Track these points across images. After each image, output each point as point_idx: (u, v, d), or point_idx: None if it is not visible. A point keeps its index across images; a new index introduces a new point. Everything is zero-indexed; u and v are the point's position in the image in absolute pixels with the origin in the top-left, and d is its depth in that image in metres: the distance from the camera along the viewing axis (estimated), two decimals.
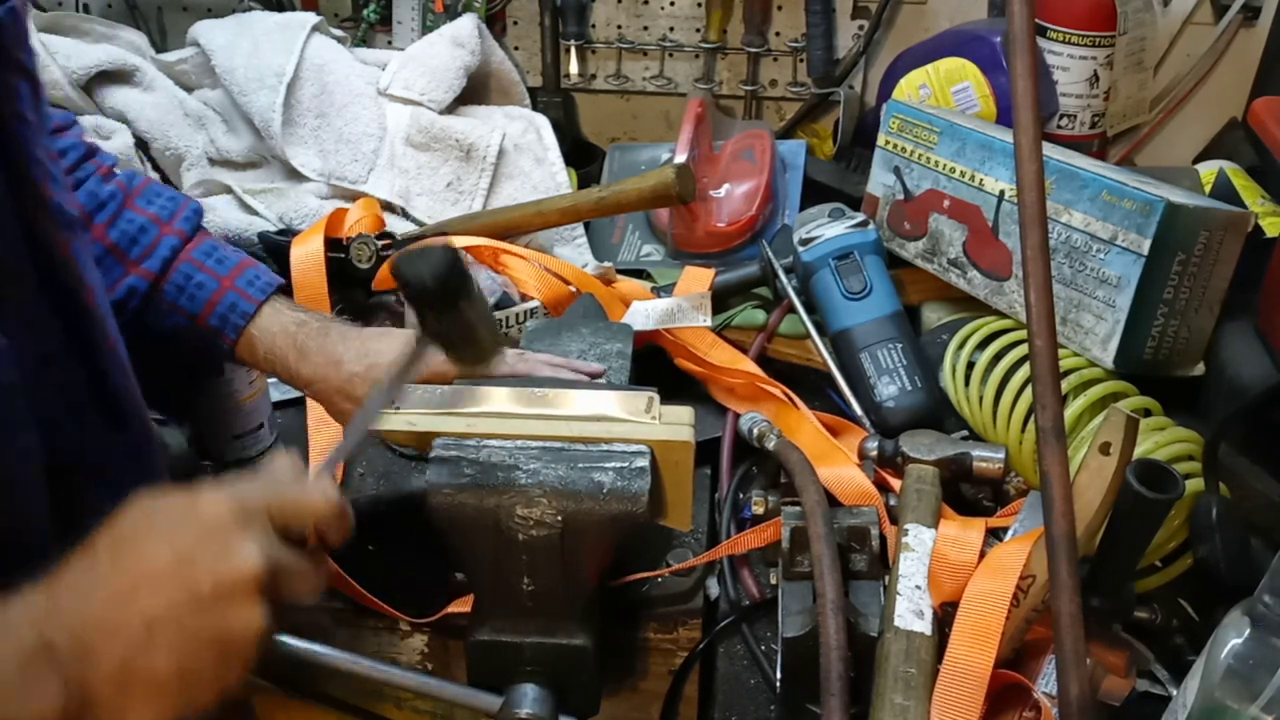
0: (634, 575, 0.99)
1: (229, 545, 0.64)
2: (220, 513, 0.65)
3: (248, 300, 1.01)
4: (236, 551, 0.64)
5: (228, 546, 0.64)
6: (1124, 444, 0.81)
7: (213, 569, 0.63)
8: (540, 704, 0.85)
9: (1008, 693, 0.85)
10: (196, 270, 1.01)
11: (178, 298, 1.01)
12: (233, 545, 0.65)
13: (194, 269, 1.01)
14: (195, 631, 0.63)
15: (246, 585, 0.64)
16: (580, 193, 1.34)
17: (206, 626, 0.63)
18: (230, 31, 1.49)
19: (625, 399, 0.92)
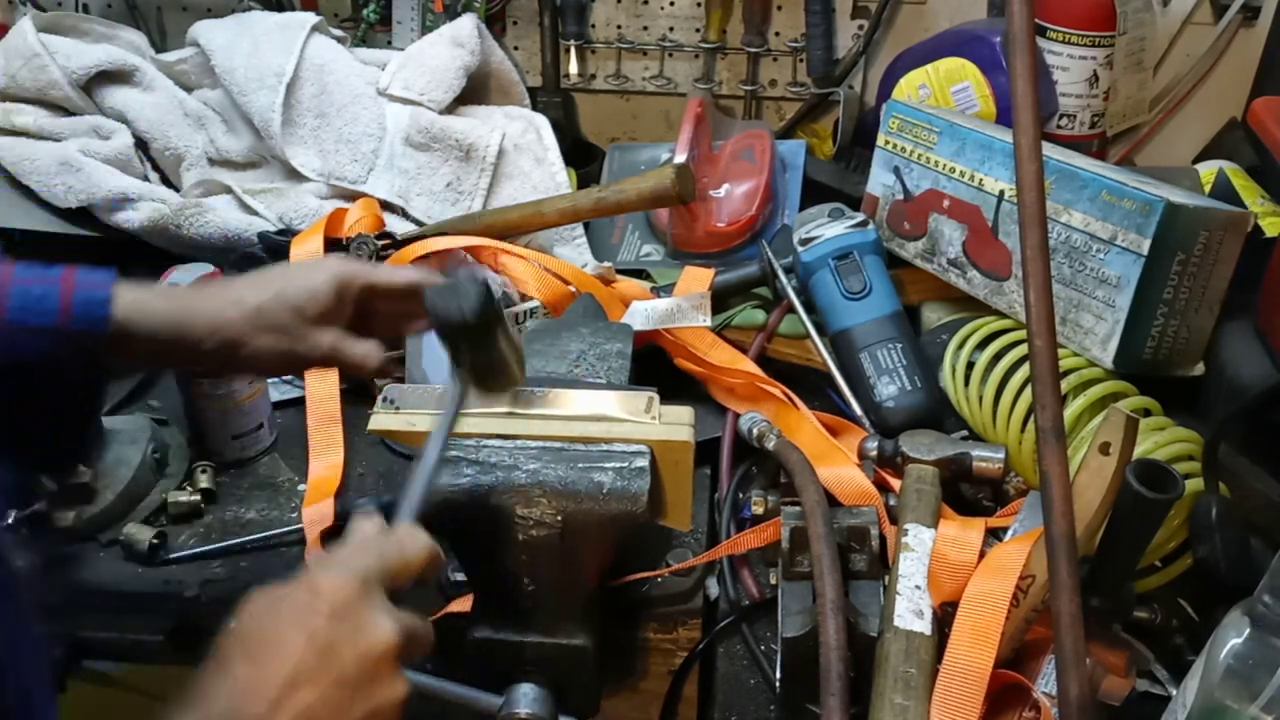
0: (634, 575, 0.99)
1: (361, 623, 0.66)
2: (345, 592, 0.66)
3: (100, 289, 0.86)
4: (371, 628, 0.66)
5: (360, 625, 0.66)
6: (1124, 444, 0.81)
7: (354, 651, 0.65)
8: (540, 704, 0.85)
9: (1008, 693, 0.85)
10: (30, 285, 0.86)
11: (26, 317, 0.85)
12: (365, 622, 0.66)
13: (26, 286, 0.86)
14: (349, 716, 0.64)
15: (387, 658, 0.66)
16: (580, 193, 1.34)
17: (358, 708, 0.64)
18: (230, 31, 1.49)
19: (625, 399, 0.92)
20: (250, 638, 0.65)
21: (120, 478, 1.09)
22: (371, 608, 0.67)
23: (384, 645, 0.66)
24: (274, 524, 1.09)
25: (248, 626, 0.66)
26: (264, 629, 0.66)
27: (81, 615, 1.02)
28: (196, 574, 1.04)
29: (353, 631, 0.65)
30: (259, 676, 0.63)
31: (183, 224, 1.33)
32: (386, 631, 0.66)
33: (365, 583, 0.67)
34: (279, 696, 0.62)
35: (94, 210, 1.36)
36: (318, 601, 0.66)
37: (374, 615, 0.67)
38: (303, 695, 0.63)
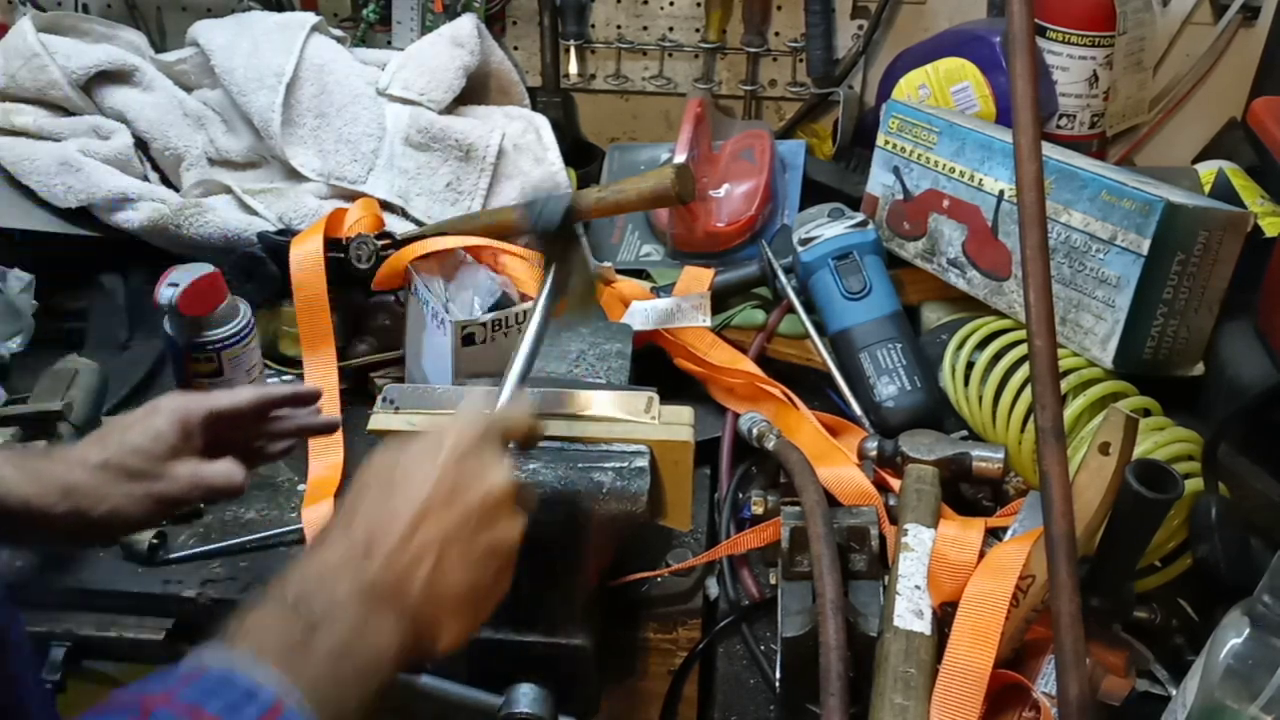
0: (633, 575, 0.99)
1: (485, 466, 0.73)
2: (468, 437, 0.73)
3: None
4: (492, 470, 0.73)
5: (484, 467, 0.73)
6: (1123, 444, 0.81)
7: (479, 489, 0.72)
8: (540, 704, 0.85)
9: (1007, 693, 0.85)
10: None
11: None
12: (487, 465, 0.73)
13: None
14: (475, 546, 0.71)
15: (506, 498, 0.73)
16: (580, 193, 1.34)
17: (483, 540, 0.71)
18: (230, 31, 1.49)
19: (625, 399, 0.92)
20: (383, 475, 0.72)
21: None
22: (491, 452, 0.74)
23: (503, 487, 0.73)
24: (274, 524, 1.09)
25: (379, 466, 0.73)
26: (396, 465, 0.72)
27: (81, 615, 1.02)
28: (196, 574, 1.04)
29: (476, 472, 0.72)
30: (394, 507, 0.70)
31: (182, 224, 1.33)
32: (505, 475, 0.73)
33: (483, 433, 0.74)
34: (413, 522, 0.69)
35: (94, 210, 1.36)
36: (445, 443, 0.72)
37: (494, 460, 0.74)
38: (433, 523, 0.69)
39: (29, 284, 1.32)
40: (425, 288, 1.20)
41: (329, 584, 0.66)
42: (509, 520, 0.73)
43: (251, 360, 1.14)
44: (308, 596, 0.65)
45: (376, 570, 0.67)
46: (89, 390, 1.09)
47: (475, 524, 0.71)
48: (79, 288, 1.37)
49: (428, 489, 0.70)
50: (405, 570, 0.68)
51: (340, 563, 0.67)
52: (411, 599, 0.68)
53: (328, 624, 0.63)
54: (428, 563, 0.68)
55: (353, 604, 0.65)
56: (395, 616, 0.67)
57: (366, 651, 0.65)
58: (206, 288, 1.10)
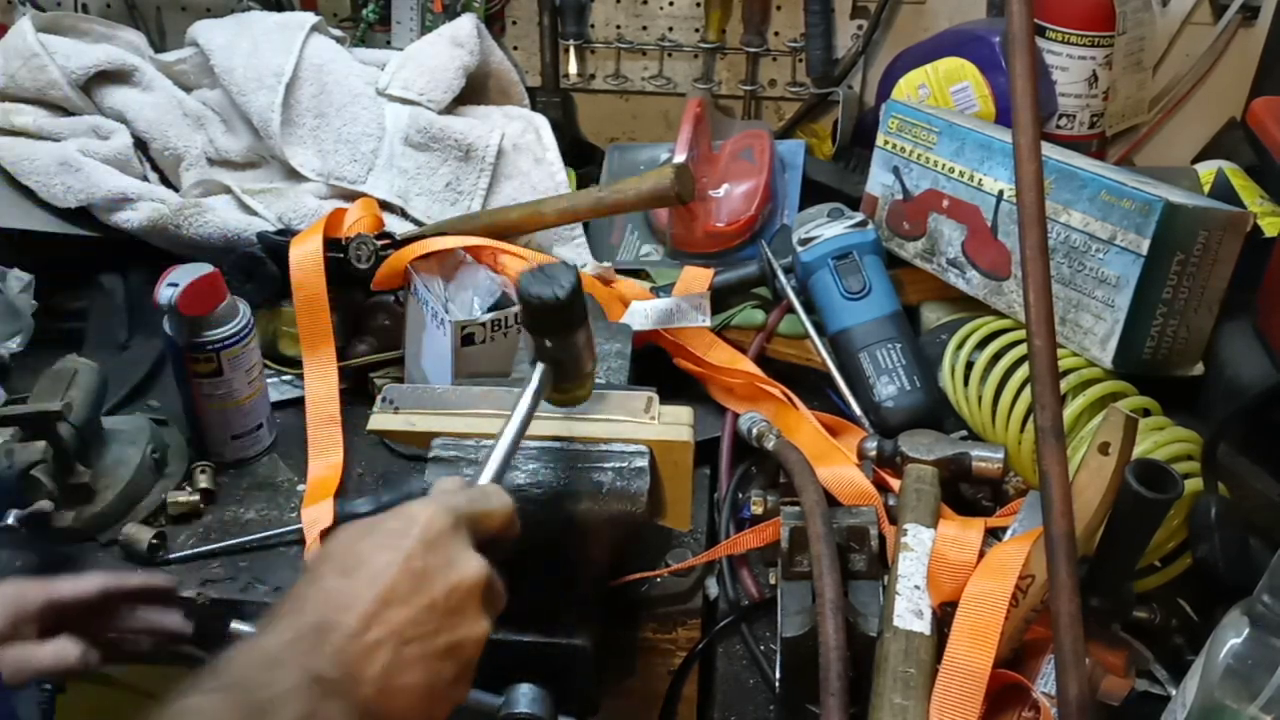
0: (633, 575, 0.99)
1: (453, 555, 0.67)
2: (438, 524, 0.68)
3: None
4: (461, 561, 0.67)
5: (452, 557, 0.67)
6: (1123, 444, 0.81)
7: (445, 581, 0.66)
8: (539, 704, 0.85)
9: (1007, 692, 0.85)
10: None
11: None
12: (456, 555, 0.67)
13: None
14: (436, 644, 0.65)
15: (474, 594, 0.67)
16: (579, 193, 1.34)
17: (444, 637, 0.65)
18: (229, 31, 1.49)
19: (624, 399, 0.92)
20: (343, 555, 0.67)
21: (120, 478, 1.09)
22: (462, 543, 0.68)
23: (473, 580, 0.67)
24: (273, 524, 1.09)
25: (340, 545, 0.68)
26: (358, 548, 0.67)
27: None
28: (196, 574, 1.04)
29: (445, 562, 0.67)
30: (352, 591, 0.64)
31: (182, 224, 1.33)
32: (476, 567, 0.68)
33: (457, 519, 0.69)
34: (372, 611, 0.63)
35: (93, 210, 1.36)
36: (412, 528, 0.67)
37: (464, 550, 0.68)
38: (395, 614, 0.64)
39: (29, 284, 1.31)
40: (425, 288, 1.20)
41: (273, 672, 0.60)
42: (475, 619, 0.68)
43: (251, 360, 1.14)
44: (248, 682, 0.59)
45: (325, 663, 0.61)
46: (88, 390, 1.09)
47: (439, 619, 0.65)
48: (78, 288, 1.37)
49: (390, 576, 0.65)
50: (357, 665, 0.62)
51: (286, 650, 0.61)
52: (362, 695, 0.62)
53: (272, 713, 0.58)
54: (382, 657, 0.63)
55: (299, 695, 0.59)
56: (345, 708, 0.61)
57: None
58: (206, 288, 1.10)
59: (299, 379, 1.23)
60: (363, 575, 0.65)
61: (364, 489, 1.13)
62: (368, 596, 0.64)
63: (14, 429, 1.02)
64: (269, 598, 1.01)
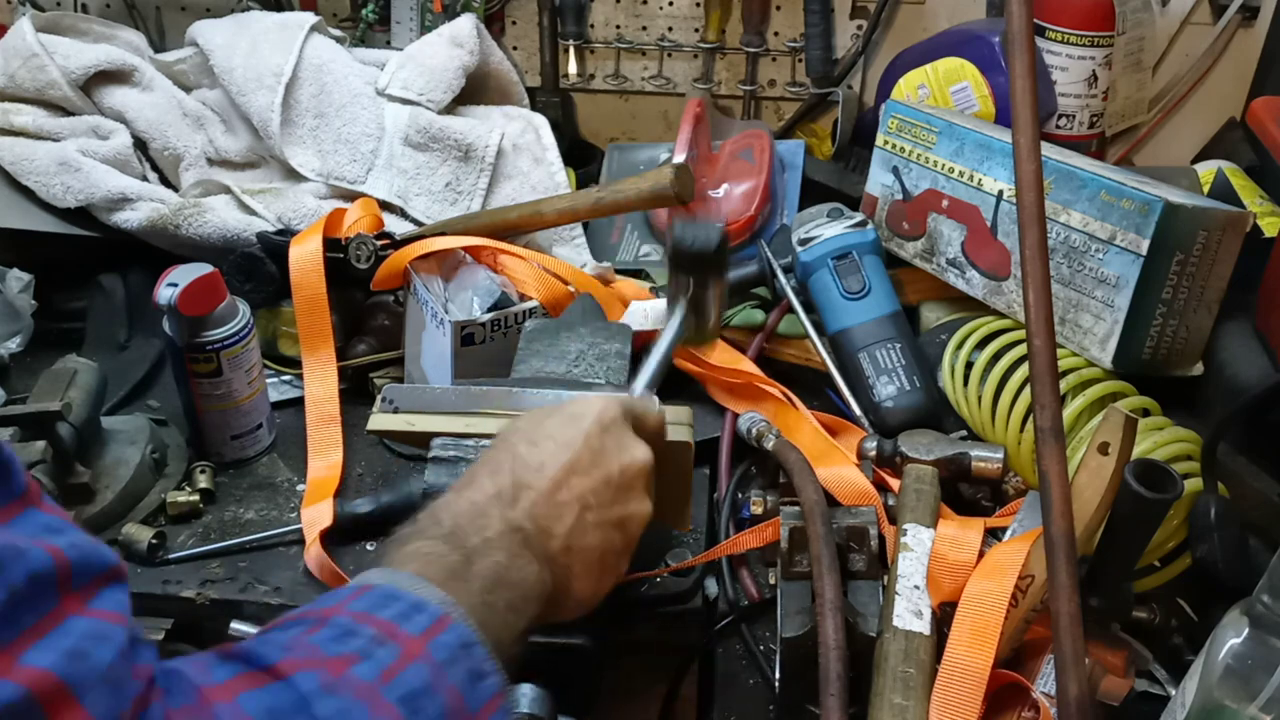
0: (633, 575, 0.99)
1: (625, 441, 0.77)
2: (614, 413, 0.77)
3: None
4: (632, 446, 0.77)
5: (624, 442, 0.76)
6: (1122, 444, 0.81)
7: (618, 460, 0.75)
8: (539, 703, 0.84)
9: (1006, 692, 0.85)
10: None
11: None
12: (628, 441, 0.77)
13: None
14: (610, 513, 0.74)
15: (641, 475, 0.77)
16: (579, 193, 1.34)
17: (617, 509, 0.75)
18: (228, 31, 1.49)
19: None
20: (531, 429, 0.76)
21: (119, 478, 1.09)
22: (629, 431, 0.77)
23: (641, 462, 0.76)
24: (273, 524, 1.09)
25: (527, 421, 0.77)
26: (543, 424, 0.76)
27: None
28: (195, 574, 1.04)
29: (618, 444, 0.76)
30: (541, 458, 0.73)
31: (181, 224, 1.33)
32: (643, 452, 0.77)
33: (625, 412, 0.78)
34: (560, 477, 0.73)
35: (93, 210, 1.36)
36: (590, 412, 0.76)
37: (632, 438, 0.77)
38: (578, 481, 0.73)
39: (28, 284, 1.32)
40: (424, 288, 1.20)
41: (480, 521, 0.69)
42: (640, 497, 0.76)
43: (250, 360, 1.14)
44: (462, 530, 0.68)
45: (522, 516, 0.70)
46: (88, 390, 1.09)
47: (613, 492, 0.74)
48: (78, 288, 1.37)
49: (573, 450, 0.74)
50: (547, 521, 0.71)
51: (488, 503, 0.70)
52: (551, 549, 0.71)
53: (481, 556, 0.67)
54: (567, 519, 0.72)
55: (502, 541, 0.68)
56: (538, 560, 0.70)
57: (516, 587, 0.68)
58: (206, 288, 1.10)
59: (298, 379, 1.24)
60: (549, 448, 0.74)
61: (364, 489, 1.13)
62: (555, 464, 0.73)
63: (13, 429, 1.02)
64: (269, 598, 1.01)
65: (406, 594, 0.63)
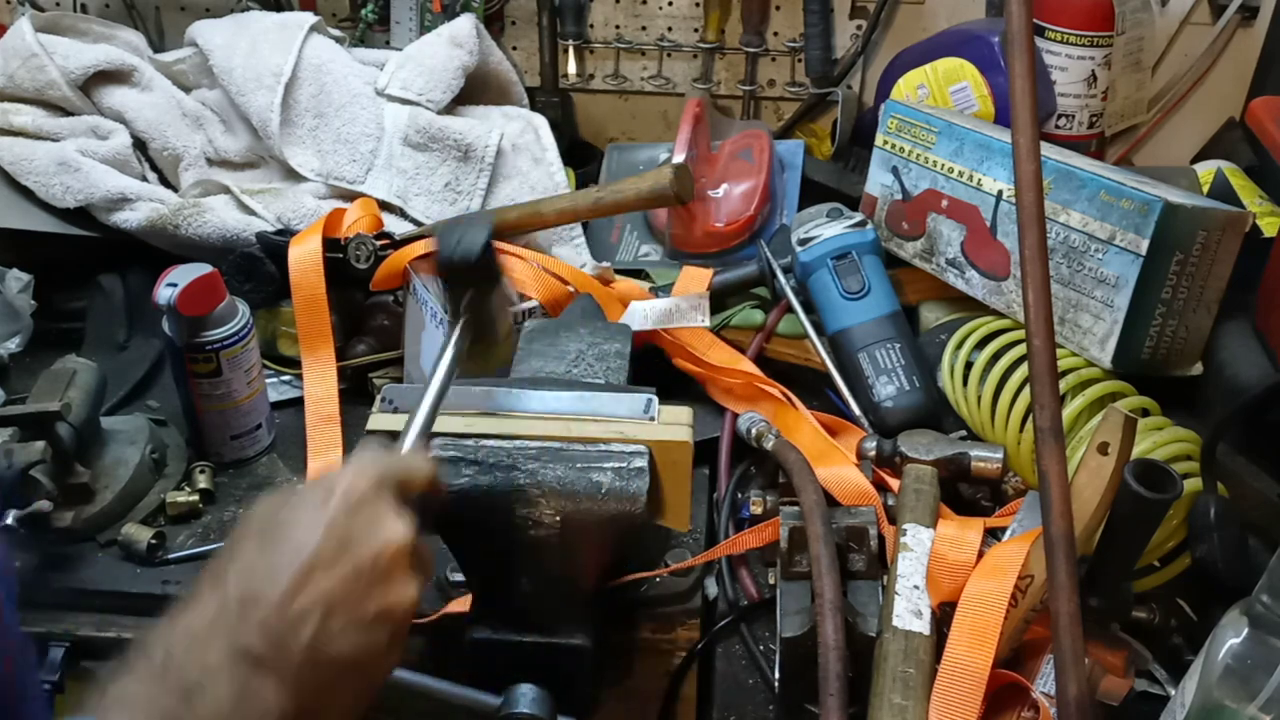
0: (632, 575, 0.99)
1: (377, 518, 0.66)
2: (360, 488, 0.66)
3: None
4: (388, 525, 0.66)
5: (376, 520, 0.66)
6: (1122, 444, 0.81)
7: (371, 544, 0.64)
8: (538, 704, 0.85)
9: (1006, 692, 0.85)
10: None
11: None
12: (380, 518, 0.66)
13: None
14: (365, 609, 0.63)
15: (402, 556, 0.66)
16: (578, 193, 1.34)
17: (374, 603, 0.64)
18: (228, 31, 1.49)
19: (623, 399, 0.92)
20: (263, 526, 0.65)
21: (119, 478, 1.09)
22: (386, 506, 0.67)
23: (400, 542, 0.66)
24: None
25: (259, 516, 0.66)
26: (278, 518, 0.65)
27: (80, 616, 1.02)
28: (195, 574, 1.02)
29: (368, 525, 0.65)
30: (275, 561, 0.62)
31: (181, 224, 1.33)
32: (402, 529, 0.66)
33: (380, 482, 0.67)
34: (297, 580, 0.62)
35: (92, 210, 1.36)
36: (333, 493, 0.65)
37: (389, 513, 0.67)
38: (321, 581, 0.62)
39: (28, 284, 1.32)
40: (424, 288, 1.20)
41: (200, 649, 0.59)
42: (404, 581, 0.66)
43: (250, 360, 1.14)
44: (177, 663, 0.59)
45: (250, 635, 0.60)
46: (87, 390, 1.09)
47: (366, 584, 0.64)
48: (78, 288, 1.37)
49: (313, 543, 0.63)
50: (282, 634, 0.61)
51: (210, 626, 0.60)
52: (293, 664, 0.60)
53: (201, 694, 0.58)
54: (309, 627, 0.61)
55: (227, 672, 0.59)
56: (276, 681, 0.60)
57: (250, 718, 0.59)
58: (205, 288, 1.10)
59: (298, 379, 1.23)
60: (285, 544, 0.63)
61: None
62: (291, 566, 0.62)
63: (13, 429, 1.02)
64: None
65: None
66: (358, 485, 0.66)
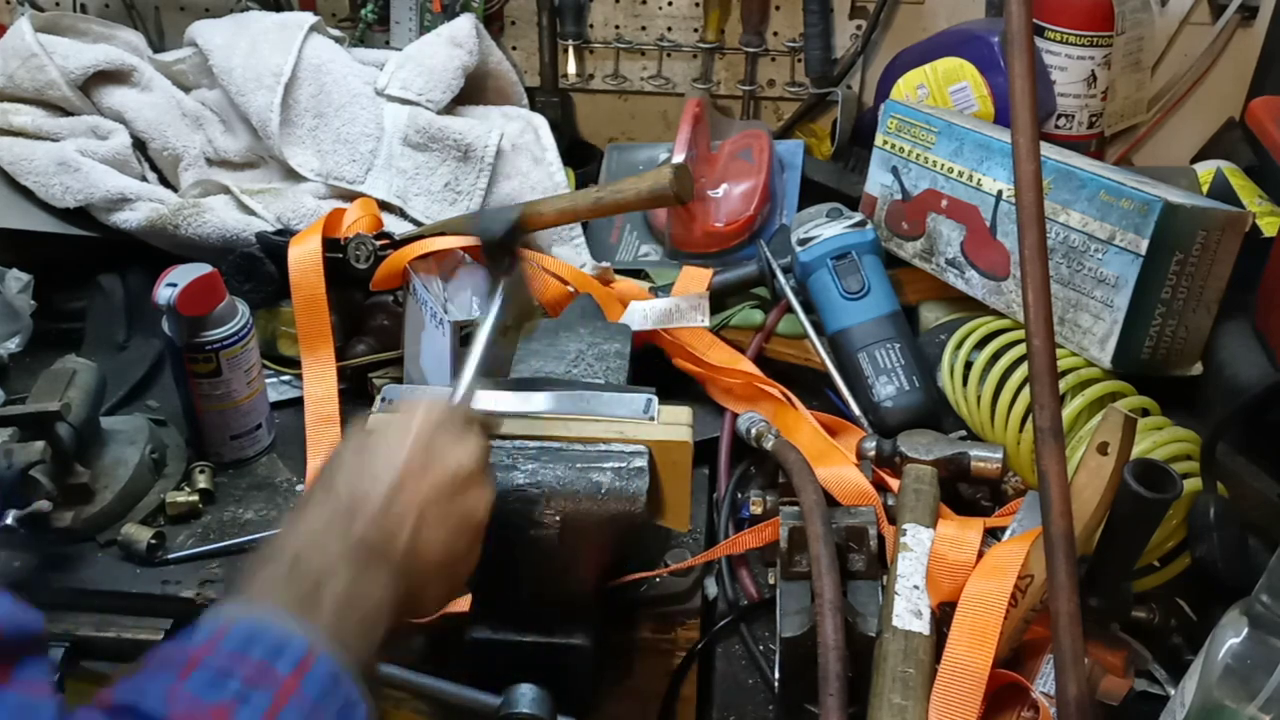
0: (632, 575, 0.99)
1: (458, 439, 0.76)
2: (438, 411, 0.77)
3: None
4: (466, 443, 0.76)
5: (454, 441, 0.76)
6: (1122, 443, 0.81)
7: (451, 459, 0.75)
8: (538, 704, 0.85)
9: (1006, 692, 0.85)
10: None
11: None
12: (458, 440, 0.76)
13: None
14: (450, 512, 0.74)
15: (479, 470, 0.76)
16: (578, 193, 1.34)
17: (457, 508, 0.74)
18: (228, 31, 1.49)
19: (623, 399, 0.92)
20: (358, 445, 0.74)
21: (118, 478, 1.09)
22: (459, 431, 0.77)
23: (478, 455, 0.76)
24: (272, 524, 1.09)
25: (353, 439, 0.75)
26: (369, 436, 0.75)
27: (80, 615, 1.02)
28: (194, 574, 1.04)
29: (450, 441, 0.75)
30: (375, 469, 0.72)
31: (181, 224, 1.33)
32: (478, 445, 0.77)
33: (451, 412, 0.78)
34: (393, 486, 0.71)
35: (92, 210, 1.36)
36: (415, 415, 0.76)
37: (467, 435, 0.77)
38: (411, 488, 0.72)
39: (27, 284, 1.31)
40: (424, 288, 1.20)
41: (320, 544, 0.68)
42: (479, 491, 0.76)
43: (250, 360, 1.14)
44: (305, 555, 0.67)
45: (362, 529, 0.69)
46: (87, 391, 1.09)
47: (450, 491, 0.74)
48: (77, 288, 1.37)
49: (403, 457, 0.73)
50: (389, 529, 0.70)
51: (326, 525, 0.69)
52: (398, 556, 0.70)
53: (328, 580, 0.66)
54: (409, 523, 0.71)
55: (346, 560, 0.68)
56: (387, 570, 0.69)
57: (367, 603, 0.67)
58: (205, 288, 1.10)
59: (298, 379, 1.23)
60: (379, 459, 0.73)
61: None
62: (387, 475, 0.72)
63: (13, 429, 1.02)
64: None
65: (268, 630, 0.62)
66: (433, 415, 0.76)
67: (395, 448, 0.73)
